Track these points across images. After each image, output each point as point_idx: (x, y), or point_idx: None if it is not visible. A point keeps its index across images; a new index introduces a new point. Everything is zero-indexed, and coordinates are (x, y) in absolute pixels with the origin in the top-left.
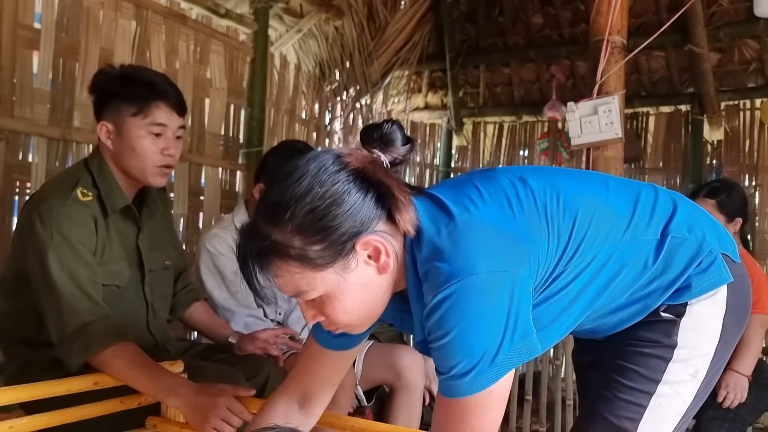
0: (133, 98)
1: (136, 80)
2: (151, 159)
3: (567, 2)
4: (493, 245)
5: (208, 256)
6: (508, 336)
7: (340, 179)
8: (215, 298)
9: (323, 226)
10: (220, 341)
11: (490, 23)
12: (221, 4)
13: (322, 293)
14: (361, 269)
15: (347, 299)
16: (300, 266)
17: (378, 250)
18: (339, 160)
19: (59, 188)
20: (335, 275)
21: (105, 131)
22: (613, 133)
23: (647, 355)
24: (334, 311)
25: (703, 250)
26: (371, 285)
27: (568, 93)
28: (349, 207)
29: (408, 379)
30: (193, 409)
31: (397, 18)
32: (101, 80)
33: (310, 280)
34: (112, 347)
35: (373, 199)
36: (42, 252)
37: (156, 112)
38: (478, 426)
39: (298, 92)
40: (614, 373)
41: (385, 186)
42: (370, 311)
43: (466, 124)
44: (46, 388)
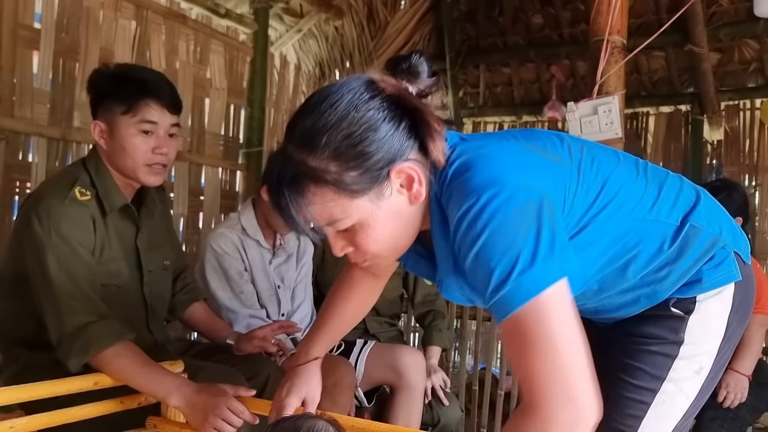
0: (124, 97)
1: (128, 79)
2: (141, 158)
3: (567, 2)
4: (524, 163)
5: (213, 255)
6: (544, 238)
7: (375, 105)
8: (219, 298)
9: (359, 152)
10: (219, 342)
11: (490, 23)
12: (221, 4)
13: (356, 221)
14: (394, 198)
15: (379, 228)
16: (336, 193)
17: (411, 179)
18: (373, 85)
19: (57, 188)
20: (369, 203)
21: (98, 130)
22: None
23: (654, 353)
24: (366, 240)
25: (717, 244)
26: (403, 214)
27: (568, 93)
28: (385, 133)
29: (409, 378)
30: (193, 409)
31: (397, 18)
32: (96, 79)
33: (345, 207)
34: (112, 348)
35: (407, 126)
36: (40, 252)
37: (146, 110)
38: (548, 349)
39: (298, 92)
40: (620, 372)
41: (420, 113)
42: (400, 241)
43: (466, 124)
44: (46, 388)
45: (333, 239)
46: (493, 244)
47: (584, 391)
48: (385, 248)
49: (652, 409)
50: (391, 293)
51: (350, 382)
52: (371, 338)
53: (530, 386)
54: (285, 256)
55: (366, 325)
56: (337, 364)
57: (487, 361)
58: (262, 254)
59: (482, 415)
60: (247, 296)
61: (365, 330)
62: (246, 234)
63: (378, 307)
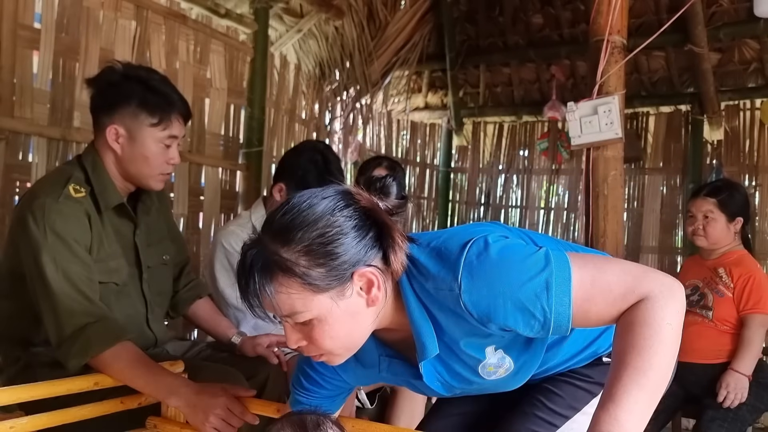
0: (154, 109)
1: (156, 90)
2: (159, 168)
3: (567, 2)
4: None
5: (223, 253)
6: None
7: (348, 213)
8: (227, 296)
9: (329, 252)
10: (223, 340)
11: (490, 23)
12: (221, 4)
13: (315, 316)
14: (354, 299)
15: (336, 325)
16: (301, 285)
17: (371, 283)
18: (349, 196)
19: (51, 185)
20: (330, 300)
21: (114, 134)
22: (613, 133)
23: (577, 387)
24: (322, 335)
25: None
26: (359, 315)
27: (568, 93)
28: (353, 239)
29: None
30: (193, 409)
31: (397, 18)
32: (114, 80)
33: (306, 301)
34: (111, 348)
35: (373, 236)
36: (36, 252)
37: (174, 124)
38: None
39: (298, 92)
40: (539, 394)
41: (387, 228)
42: (352, 341)
43: (466, 124)
44: (46, 389)
45: (289, 331)
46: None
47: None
48: (338, 345)
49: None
50: None
51: None
52: None
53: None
54: None
55: None
56: None
57: None
58: None
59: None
60: None
61: None
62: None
63: None
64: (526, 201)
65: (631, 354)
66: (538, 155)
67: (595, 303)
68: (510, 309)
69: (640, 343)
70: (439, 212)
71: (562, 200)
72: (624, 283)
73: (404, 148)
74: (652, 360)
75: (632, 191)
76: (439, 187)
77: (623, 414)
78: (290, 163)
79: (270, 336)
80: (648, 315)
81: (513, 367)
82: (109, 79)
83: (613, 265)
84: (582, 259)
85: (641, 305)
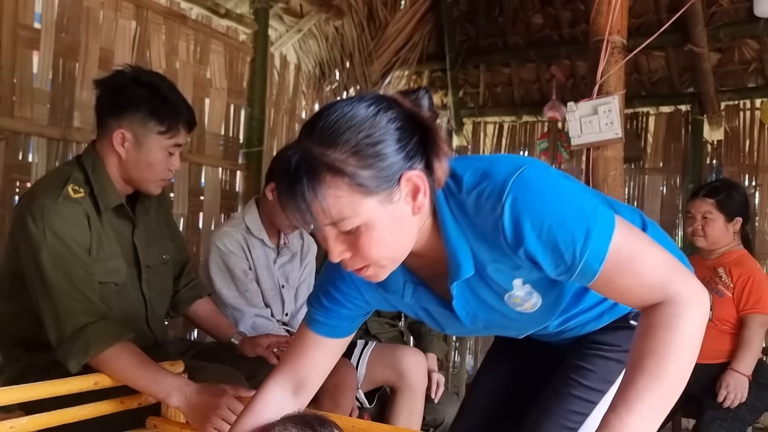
0: (164, 117)
1: (167, 98)
2: (161, 174)
3: (567, 2)
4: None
5: (218, 254)
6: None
7: (393, 116)
8: (224, 296)
9: (377, 152)
10: (223, 340)
11: (490, 23)
12: (221, 4)
13: (363, 222)
14: (401, 205)
15: (383, 231)
16: (350, 187)
17: (417, 188)
18: (392, 100)
19: (50, 186)
20: (378, 205)
21: (121, 138)
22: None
23: (607, 358)
24: (369, 243)
25: None
26: (405, 223)
27: (568, 93)
28: (400, 141)
29: (410, 379)
30: (193, 409)
31: (397, 18)
32: (123, 84)
33: (356, 205)
34: (111, 348)
35: (417, 141)
36: (36, 252)
37: (181, 133)
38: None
39: (298, 92)
40: (571, 372)
41: (432, 132)
42: (398, 251)
43: (466, 124)
44: (46, 389)
45: (333, 243)
46: (551, 226)
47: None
48: (385, 255)
49: (597, 409)
50: None
51: (351, 383)
52: (372, 339)
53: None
54: (289, 256)
55: (367, 325)
56: (338, 365)
57: None
58: (266, 253)
59: None
60: (252, 295)
61: (366, 330)
62: (250, 233)
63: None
64: None
65: (650, 359)
66: (538, 155)
67: (622, 276)
68: (543, 241)
69: (660, 350)
70: None
71: None
72: (658, 274)
73: None
74: (669, 368)
75: (632, 191)
76: None
77: (633, 420)
78: None
79: (270, 336)
80: (672, 321)
81: (540, 304)
82: (119, 82)
83: (657, 252)
84: (631, 231)
85: (667, 308)
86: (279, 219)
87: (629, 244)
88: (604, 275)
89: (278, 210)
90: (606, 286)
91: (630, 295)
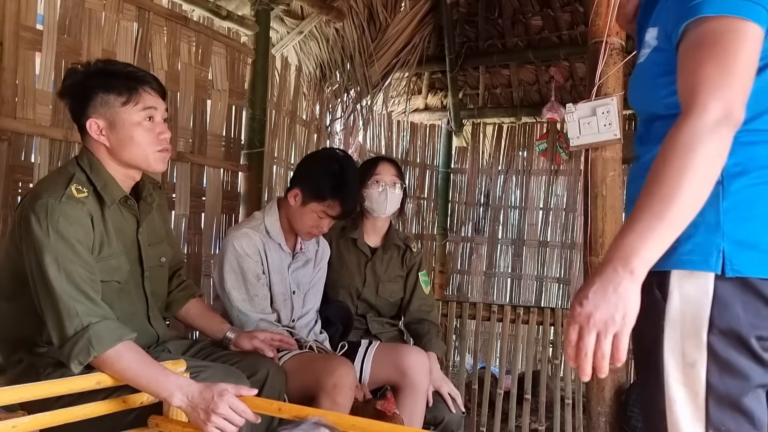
0: (120, 88)
1: (117, 72)
2: (150, 145)
3: (566, 4)
4: None
5: (234, 255)
6: None
7: None
8: (233, 298)
9: None
10: (217, 336)
11: (490, 25)
12: (223, 6)
13: None
14: None
15: None
16: None
17: None
18: None
19: (53, 186)
20: None
21: (96, 127)
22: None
23: None
24: None
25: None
26: None
27: (567, 94)
28: None
29: (412, 378)
30: (195, 408)
31: (398, 20)
32: (77, 80)
33: None
34: (114, 348)
35: None
36: (39, 252)
37: (145, 97)
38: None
39: (299, 93)
40: None
41: None
42: None
43: (465, 126)
44: (48, 388)
45: None
46: None
47: (741, 104)
48: None
49: None
50: (394, 296)
51: (350, 383)
52: (373, 338)
53: (694, 87)
54: (303, 261)
55: (368, 325)
56: (337, 365)
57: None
58: (282, 258)
59: (482, 414)
60: (260, 299)
61: (366, 330)
62: (269, 236)
63: (380, 309)
64: (525, 201)
65: (654, 180)
66: (537, 156)
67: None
68: None
69: (662, 170)
70: (439, 212)
71: (561, 201)
72: (714, 78)
73: (404, 149)
74: (673, 188)
75: None
76: (438, 188)
77: (637, 240)
78: (307, 170)
79: (266, 332)
80: (681, 140)
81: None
82: (73, 79)
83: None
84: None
85: (685, 124)
86: (299, 225)
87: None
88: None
89: (299, 215)
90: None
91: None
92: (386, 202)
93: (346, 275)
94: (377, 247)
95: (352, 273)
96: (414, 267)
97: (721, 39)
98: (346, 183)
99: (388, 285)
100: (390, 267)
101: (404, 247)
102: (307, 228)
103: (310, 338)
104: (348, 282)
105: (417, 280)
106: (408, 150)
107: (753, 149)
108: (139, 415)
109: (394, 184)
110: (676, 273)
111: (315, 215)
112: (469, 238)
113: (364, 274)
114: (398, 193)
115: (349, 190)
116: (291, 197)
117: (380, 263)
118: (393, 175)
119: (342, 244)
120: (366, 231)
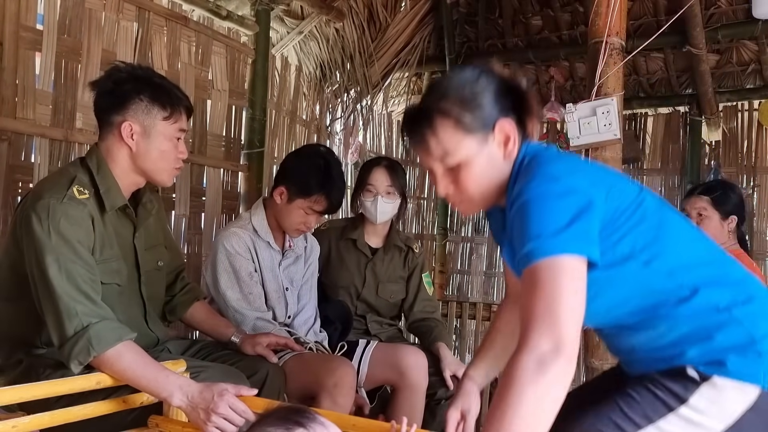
0: (165, 102)
1: (164, 87)
2: (173, 162)
3: (566, 4)
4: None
5: (225, 254)
6: (578, 224)
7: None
8: (228, 298)
9: (477, 103)
10: (222, 339)
11: (490, 25)
12: (222, 6)
13: (463, 158)
14: (494, 148)
15: (479, 170)
16: (455, 127)
17: (508, 137)
18: (494, 70)
19: (55, 186)
20: (477, 144)
21: (129, 130)
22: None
23: (656, 396)
24: (467, 178)
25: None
26: (497, 165)
27: (567, 94)
28: (495, 97)
29: (411, 378)
30: (195, 408)
31: (398, 20)
32: (122, 79)
33: (457, 142)
34: (114, 348)
35: (511, 100)
36: (39, 252)
37: (181, 119)
38: (551, 293)
39: (299, 93)
40: (619, 398)
41: (524, 96)
42: (489, 188)
43: None
44: (48, 388)
45: (440, 178)
46: (535, 213)
47: (570, 334)
48: (479, 192)
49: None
50: (394, 296)
51: (351, 383)
52: (372, 338)
53: (526, 323)
54: (293, 258)
55: (367, 325)
56: (338, 365)
57: None
58: (272, 256)
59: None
60: (255, 297)
61: (366, 330)
62: (257, 235)
63: (380, 309)
64: None
65: (494, 407)
66: None
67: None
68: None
69: (498, 402)
70: (439, 212)
71: None
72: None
73: (404, 149)
74: (507, 421)
75: None
76: None
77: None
78: (292, 166)
79: (270, 335)
80: (515, 374)
81: None
82: (117, 78)
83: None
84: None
85: (518, 360)
86: (286, 222)
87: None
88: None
89: (286, 213)
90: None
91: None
92: (377, 212)
93: (345, 275)
94: (378, 247)
95: (352, 273)
96: (417, 268)
97: (545, 280)
98: (331, 177)
99: (389, 285)
100: (391, 268)
101: (406, 248)
102: (294, 225)
103: (310, 337)
104: (347, 282)
105: (420, 282)
106: (408, 150)
107: None
108: (139, 415)
109: (387, 194)
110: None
111: (302, 211)
112: (469, 238)
113: (363, 275)
114: (392, 201)
115: (334, 184)
116: (277, 195)
117: (381, 264)
118: (387, 185)
119: (342, 245)
120: (366, 232)
